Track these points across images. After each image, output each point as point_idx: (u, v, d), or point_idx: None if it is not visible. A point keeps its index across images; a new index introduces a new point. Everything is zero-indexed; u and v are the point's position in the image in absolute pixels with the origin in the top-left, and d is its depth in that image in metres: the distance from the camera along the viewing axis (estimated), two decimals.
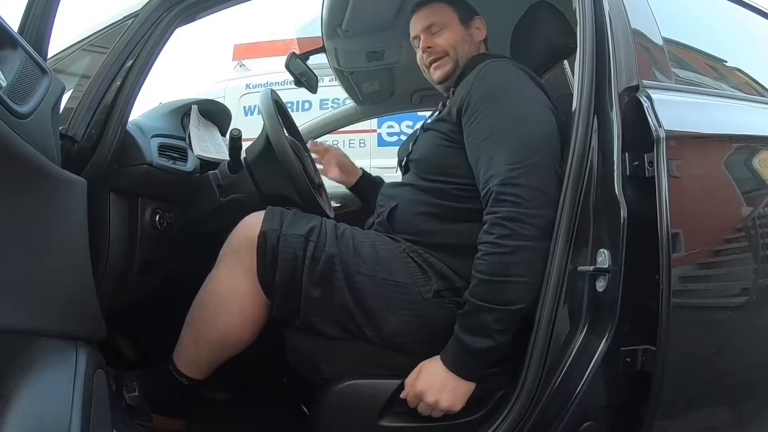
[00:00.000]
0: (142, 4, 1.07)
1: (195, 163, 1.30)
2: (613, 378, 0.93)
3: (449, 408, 0.96)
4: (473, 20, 1.30)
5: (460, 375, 0.96)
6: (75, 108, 0.99)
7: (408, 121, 3.69)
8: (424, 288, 1.04)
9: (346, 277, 1.02)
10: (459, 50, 1.25)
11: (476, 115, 1.06)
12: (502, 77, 1.10)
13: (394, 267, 1.05)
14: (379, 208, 1.20)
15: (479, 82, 1.09)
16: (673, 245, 0.90)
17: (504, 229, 0.95)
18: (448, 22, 1.26)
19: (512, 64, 1.15)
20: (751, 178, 1.10)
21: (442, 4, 1.28)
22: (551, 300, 0.95)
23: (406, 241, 1.09)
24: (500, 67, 1.13)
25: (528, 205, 0.95)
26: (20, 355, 0.78)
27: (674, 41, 1.20)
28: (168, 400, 1.09)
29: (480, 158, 1.04)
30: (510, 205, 0.96)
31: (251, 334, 1.06)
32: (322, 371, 1.06)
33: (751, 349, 1.06)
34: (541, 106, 1.06)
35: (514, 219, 0.95)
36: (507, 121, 1.03)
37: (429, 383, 0.97)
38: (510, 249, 0.95)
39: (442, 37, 1.26)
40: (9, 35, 0.81)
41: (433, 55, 1.26)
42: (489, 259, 0.96)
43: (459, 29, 1.27)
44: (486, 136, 1.04)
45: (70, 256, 0.88)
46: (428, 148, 1.17)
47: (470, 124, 1.07)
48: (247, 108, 3.86)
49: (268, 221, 1.04)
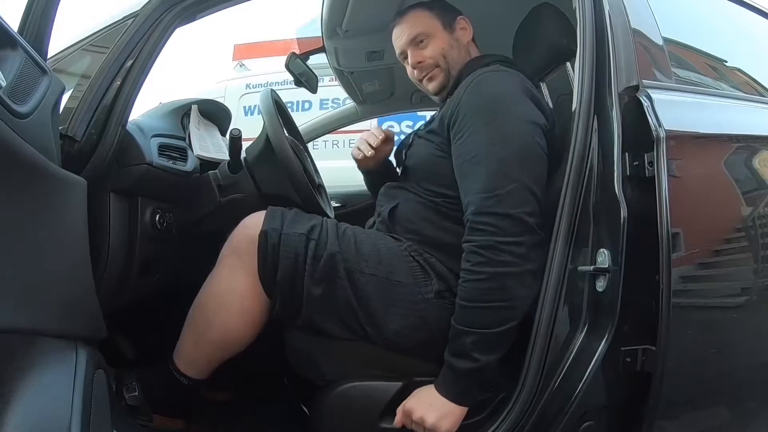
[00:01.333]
0: (142, 4, 1.07)
1: (195, 163, 1.30)
2: (613, 378, 0.93)
3: (434, 426, 0.96)
4: (456, 21, 1.25)
5: (446, 396, 0.97)
6: (75, 108, 0.99)
7: (408, 121, 3.69)
8: (425, 288, 1.04)
9: (348, 275, 1.02)
10: (449, 58, 1.22)
11: (462, 132, 1.05)
12: (492, 92, 1.06)
13: (396, 266, 1.05)
14: (379, 207, 1.20)
15: (468, 96, 1.07)
16: (673, 245, 0.90)
17: (479, 257, 0.96)
18: (432, 31, 1.23)
19: (504, 75, 1.11)
20: (751, 177, 1.10)
21: (421, 12, 1.24)
22: (551, 300, 0.95)
23: (408, 240, 1.09)
24: (493, 79, 1.09)
25: (502, 233, 0.95)
26: (20, 355, 0.78)
27: (674, 41, 1.20)
28: (168, 399, 1.09)
29: (462, 181, 1.04)
30: (484, 234, 0.96)
31: (251, 335, 1.06)
32: (322, 372, 1.06)
33: (751, 349, 1.06)
34: (528, 124, 1.03)
35: (489, 247, 0.95)
36: (489, 143, 1.01)
37: (418, 402, 0.98)
38: (485, 276, 0.95)
39: (429, 48, 1.22)
40: (9, 35, 0.81)
41: (425, 70, 1.23)
42: (466, 286, 0.97)
43: (444, 36, 1.23)
44: (467, 159, 1.03)
45: (69, 256, 0.88)
46: (422, 157, 1.16)
47: (455, 141, 1.06)
48: (247, 108, 3.85)
49: (269, 220, 1.04)
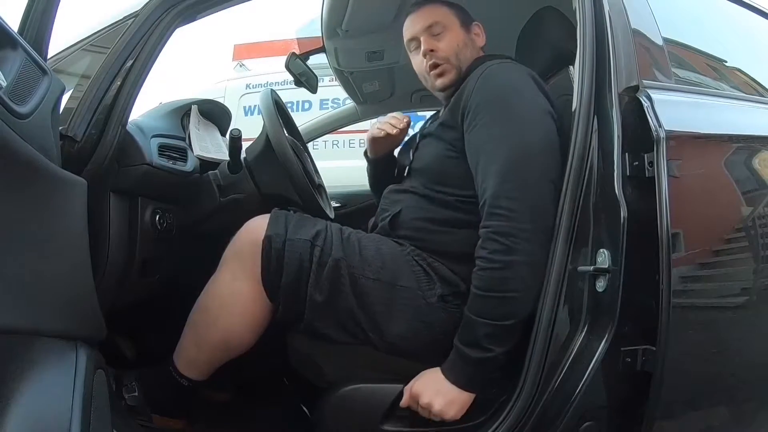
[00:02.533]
0: (142, 4, 1.07)
1: (195, 163, 1.30)
2: (613, 378, 0.93)
3: (440, 412, 0.96)
4: (472, 26, 1.25)
5: (455, 383, 0.96)
6: (75, 108, 0.99)
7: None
8: (429, 292, 1.03)
9: (351, 281, 1.02)
10: (461, 57, 1.19)
11: (476, 121, 1.04)
12: (504, 82, 1.07)
13: (399, 271, 1.04)
14: (383, 212, 1.19)
15: (481, 86, 1.06)
16: (673, 245, 0.90)
17: (496, 244, 0.95)
18: (450, 24, 1.20)
19: (515, 66, 1.12)
20: (751, 178, 1.10)
21: (441, 6, 1.22)
22: (551, 300, 0.95)
23: (411, 245, 1.08)
24: (503, 70, 1.09)
25: (520, 218, 0.95)
26: (20, 355, 0.78)
27: (674, 41, 1.20)
28: (168, 400, 1.09)
29: (477, 167, 1.03)
30: (502, 219, 0.96)
31: (253, 337, 1.06)
32: (324, 374, 1.06)
33: (751, 349, 1.06)
34: (542, 113, 1.04)
35: (506, 234, 0.95)
36: (505, 130, 1.01)
37: (425, 386, 0.98)
38: (501, 264, 0.95)
39: (444, 40, 1.18)
40: (9, 35, 0.81)
41: (435, 59, 1.18)
42: (483, 275, 0.97)
43: (460, 33, 1.20)
44: (483, 146, 1.03)
45: (69, 256, 0.88)
46: (431, 157, 1.14)
47: (470, 131, 1.06)
48: (247, 108, 3.85)
49: (273, 225, 1.03)
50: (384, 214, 1.17)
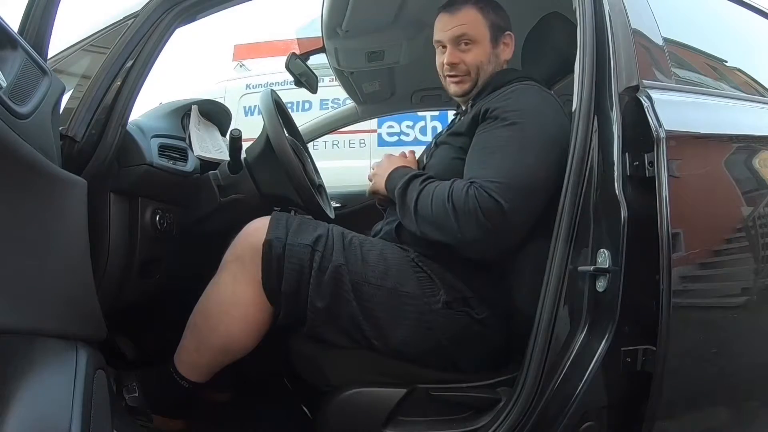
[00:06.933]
0: (142, 4, 1.07)
1: (195, 163, 1.30)
2: (614, 378, 0.93)
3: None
4: (503, 36, 1.22)
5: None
6: (75, 108, 0.99)
7: (408, 121, 3.69)
8: (433, 299, 1.03)
9: (353, 287, 1.01)
10: (482, 71, 1.19)
11: (486, 127, 1.05)
12: (528, 102, 1.07)
13: (403, 277, 1.04)
14: (390, 217, 1.19)
15: (512, 99, 1.07)
16: (673, 245, 0.90)
17: (463, 194, 0.98)
18: (480, 39, 1.19)
19: (545, 94, 1.12)
20: (751, 178, 1.10)
21: (476, 14, 1.19)
22: (551, 300, 0.95)
23: (415, 251, 1.08)
24: (531, 92, 1.10)
25: (484, 212, 0.96)
26: (20, 356, 0.78)
27: (674, 41, 1.20)
28: (168, 401, 1.09)
29: (471, 162, 1.04)
30: (469, 198, 0.98)
31: (254, 341, 1.05)
32: (327, 378, 1.06)
33: (751, 349, 1.06)
34: (558, 147, 1.02)
35: (468, 211, 0.97)
36: (508, 140, 1.02)
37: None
38: (442, 206, 1.00)
39: (470, 54, 1.18)
40: (9, 35, 0.81)
41: (455, 71, 1.20)
42: (433, 191, 1.03)
43: (487, 49, 1.20)
44: (484, 147, 1.04)
45: (69, 256, 0.88)
46: (442, 165, 1.14)
47: (478, 133, 1.06)
48: (247, 108, 3.85)
49: (274, 229, 1.02)
50: (390, 218, 1.17)
